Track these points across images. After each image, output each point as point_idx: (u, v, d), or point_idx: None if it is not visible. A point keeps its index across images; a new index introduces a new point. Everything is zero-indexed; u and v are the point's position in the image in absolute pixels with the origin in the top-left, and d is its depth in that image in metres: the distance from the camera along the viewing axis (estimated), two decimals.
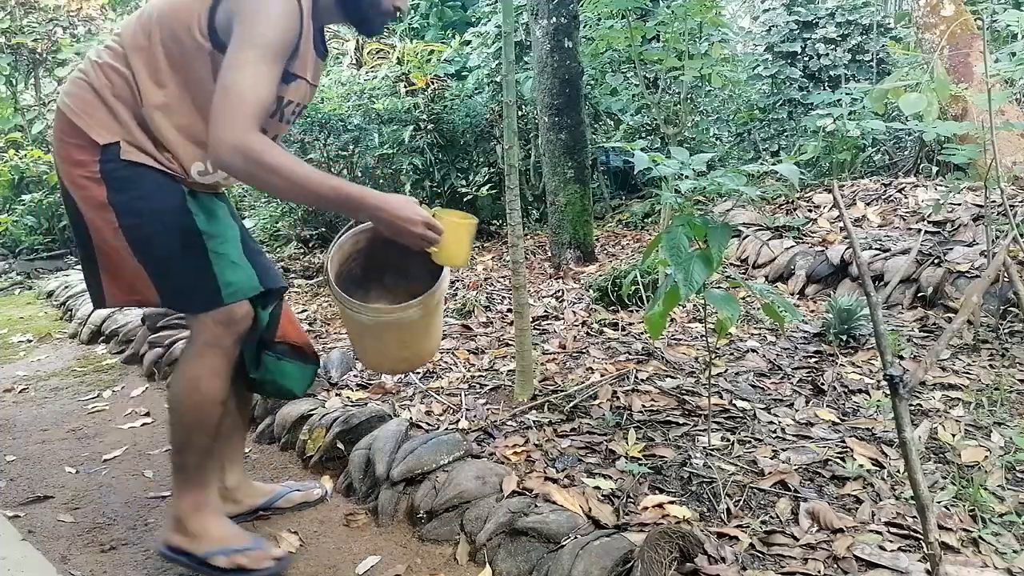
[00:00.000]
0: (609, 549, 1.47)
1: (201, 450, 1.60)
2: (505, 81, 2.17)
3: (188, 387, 1.56)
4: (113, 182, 1.46)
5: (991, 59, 3.37)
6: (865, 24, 6.10)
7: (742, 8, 12.37)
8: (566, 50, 4.23)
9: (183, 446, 1.59)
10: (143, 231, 1.48)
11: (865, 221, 4.03)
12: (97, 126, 1.46)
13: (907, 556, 1.45)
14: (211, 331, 1.54)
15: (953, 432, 2.00)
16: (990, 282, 2.21)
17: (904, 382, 1.15)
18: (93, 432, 2.60)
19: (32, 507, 2.03)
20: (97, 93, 1.47)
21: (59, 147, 1.51)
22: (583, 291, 3.67)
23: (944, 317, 2.99)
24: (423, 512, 1.77)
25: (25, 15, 7.85)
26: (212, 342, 1.54)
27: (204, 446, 1.60)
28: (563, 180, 4.34)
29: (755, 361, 2.63)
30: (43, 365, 3.53)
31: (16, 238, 6.63)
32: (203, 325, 1.54)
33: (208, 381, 1.55)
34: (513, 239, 2.23)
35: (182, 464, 1.61)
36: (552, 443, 2.01)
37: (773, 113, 6.35)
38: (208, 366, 1.55)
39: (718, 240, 1.72)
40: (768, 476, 1.79)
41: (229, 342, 1.56)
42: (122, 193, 1.47)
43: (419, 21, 8.24)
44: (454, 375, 2.60)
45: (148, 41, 1.46)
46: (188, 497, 1.61)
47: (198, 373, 1.55)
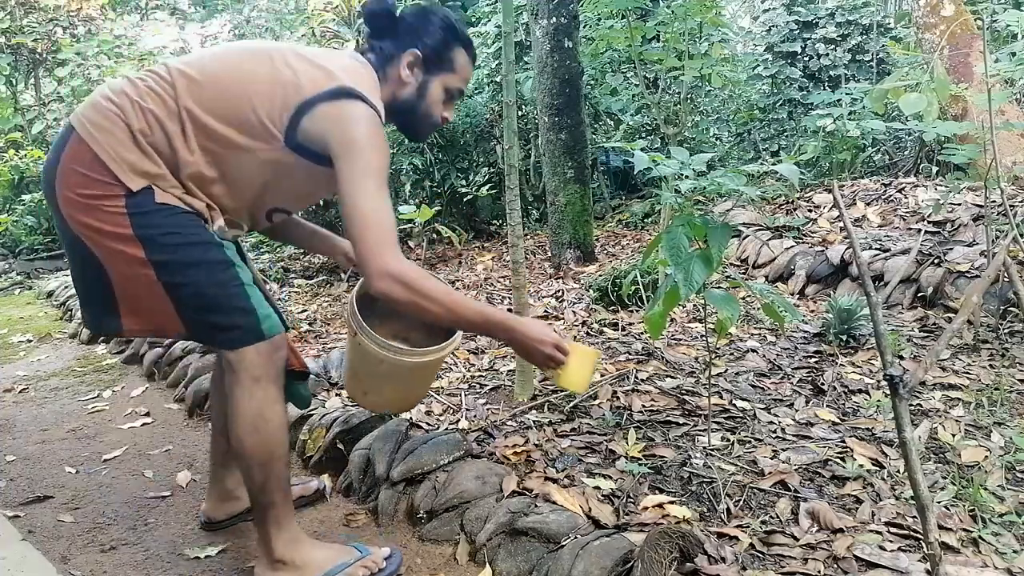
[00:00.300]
0: (609, 549, 1.47)
1: (284, 481, 1.55)
2: (505, 81, 2.17)
3: (251, 426, 1.49)
4: (139, 217, 1.41)
5: (991, 59, 3.37)
6: (865, 24, 6.10)
7: (742, 8, 12.37)
8: (566, 50, 4.23)
9: (264, 484, 1.52)
10: (176, 265, 1.44)
11: (865, 221, 4.03)
12: (130, 171, 1.41)
13: (907, 556, 1.45)
14: (256, 364, 1.48)
15: (953, 432, 2.00)
16: (990, 282, 2.21)
17: (904, 382, 1.15)
18: (93, 432, 2.60)
19: (32, 507, 2.03)
20: (133, 135, 1.42)
21: (71, 177, 1.42)
22: (583, 291, 3.67)
23: (944, 317, 2.99)
24: (423, 512, 1.77)
25: (25, 15, 7.86)
26: (259, 374, 1.49)
27: (285, 476, 1.56)
28: (563, 180, 4.34)
29: (755, 361, 2.63)
30: (43, 365, 3.53)
31: (16, 238, 6.64)
32: (246, 359, 1.48)
33: (269, 413, 1.50)
34: (513, 239, 2.23)
35: (269, 503, 1.53)
36: (552, 443, 2.01)
37: (773, 113, 6.35)
38: (262, 398, 1.49)
39: (718, 240, 1.72)
40: (768, 476, 1.79)
41: (275, 371, 1.52)
42: (150, 228, 1.42)
43: None
44: (454, 375, 2.60)
45: (199, 102, 1.44)
46: (284, 535, 1.54)
47: (256, 409, 1.49)
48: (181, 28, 12.66)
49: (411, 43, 1.61)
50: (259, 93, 1.44)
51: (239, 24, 11.24)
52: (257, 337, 1.48)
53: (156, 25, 12.19)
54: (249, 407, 1.49)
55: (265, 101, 1.44)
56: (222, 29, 12.14)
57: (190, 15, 12.49)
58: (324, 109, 1.43)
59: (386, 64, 1.61)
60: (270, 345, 1.50)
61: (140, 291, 1.46)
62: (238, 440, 1.51)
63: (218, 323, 1.48)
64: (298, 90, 1.44)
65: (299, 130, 1.45)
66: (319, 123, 1.43)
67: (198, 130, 1.45)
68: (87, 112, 1.45)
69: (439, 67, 1.64)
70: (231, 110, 1.45)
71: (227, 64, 1.50)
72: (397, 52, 1.61)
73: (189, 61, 1.52)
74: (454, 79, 1.67)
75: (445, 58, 1.64)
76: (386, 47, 1.62)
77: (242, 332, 1.47)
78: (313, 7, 8.27)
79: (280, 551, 1.54)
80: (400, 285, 1.41)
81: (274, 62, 1.47)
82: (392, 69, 1.61)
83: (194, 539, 1.84)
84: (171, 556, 1.76)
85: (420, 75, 1.63)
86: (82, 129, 1.43)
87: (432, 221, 4.47)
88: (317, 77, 1.45)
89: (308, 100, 1.43)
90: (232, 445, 1.55)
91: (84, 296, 1.56)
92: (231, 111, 1.45)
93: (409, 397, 1.95)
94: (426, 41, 1.61)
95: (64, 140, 1.45)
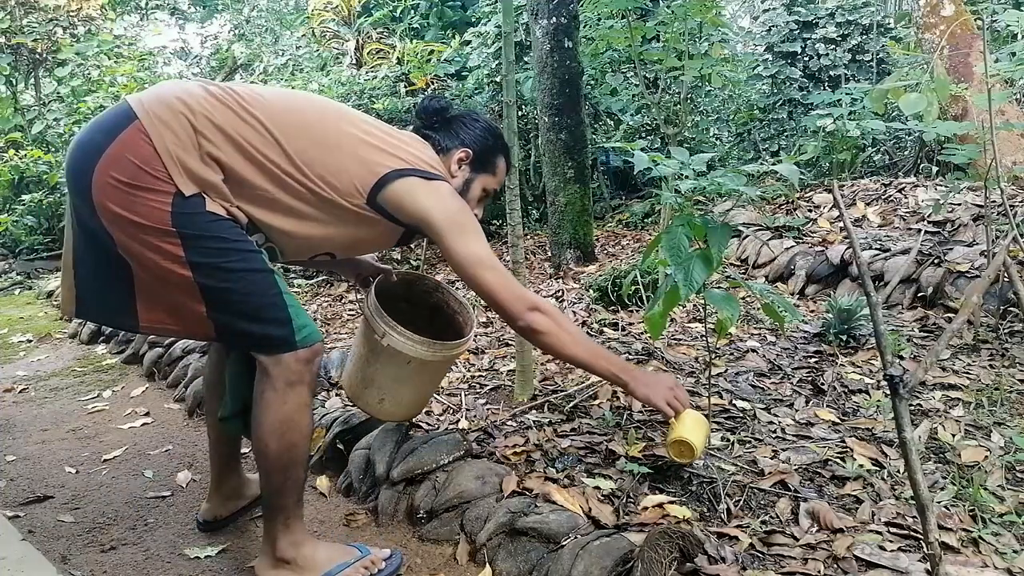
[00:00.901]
0: (609, 549, 1.46)
1: (300, 485, 1.56)
2: (505, 81, 2.17)
3: (280, 430, 1.49)
4: (183, 218, 1.40)
5: (991, 59, 3.37)
6: (865, 24, 6.10)
7: (742, 8, 12.37)
8: (566, 50, 4.23)
9: (281, 488, 1.53)
10: (216, 269, 1.43)
11: (865, 221, 4.03)
12: (186, 175, 1.40)
13: (907, 556, 1.45)
14: (294, 370, 1.48)
15: (953, 432, 2.00)
16: (990, 282, 2.21)
17: (904, 382, 1.15)
18: (93, 432, 2.60)
19: (32, 507, 2.03)
20: (198, 142, 1.42)
21: (121, 164, 1.38)
22: (583, 291, 3.67)
23: (944, 317, 2.99)
24: (423, 512, 1.77)
25: (25, 15, 7.85)
26: (295, 380, 1.49)
27: (302, 481, 1.56)
28: (563, 180, 4.34)
29: (755, 361, 2.62)
30: (43, 365, 3.53)
31: (16, 238, 6.64)
32: (283, 365, 1.48)
33: (299, 417, 1.50)
34: (513, 239, 2.23)
35: (281, 506, 1.54)
36: (552, 443, 2.01)
37: (773, 113, 6.35)
38: (295, 403, 1.49)
39: (718, 240, 1.72)
40: (768, 476, 1.79)
41: (311, 376, 1.52)
42: (193, 229, 1.41)
43: (419, 21, 8.24)
44: (454, 375, 2.60)
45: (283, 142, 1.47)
46: (289, 537, 1.55)
47: (287, 414, 1.49)
48: (181, 28, 12.67)
49: (461, 142, 1.74)
50: (348, 153, 1.52)
51: (239, 24, 11.25)
52: (289, 348, 1.48)
53: (156, 25, 12.19)
54: (280, 411, 1.49)
55: (354, 162, 1.52)
56: (222, 29, 12.15)
57: (190, 15, 12.50)
58: (415, 183, 1.55)
59: (438, 155, 1.71)
60: (310, 352, 1.50)
61: (169, 290, 1.45)
62: (263, 443, 1.51)
63: (252, 331, 1.47)
64: (382, 162, 1.54)
65: (379, 197, 1.54)
66: (412, 194, 1.55)
67: (272, 164, 1.46)
68: (155, 106, 1.42)
69: (483, 168, 1.77)
70: (320, 160, 1.50)
71: (315, 111, 1.56)
72: (449, 146, 1.73)
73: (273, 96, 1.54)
74: (492, 182, 1.80)
75: (489, 162, 1.78)
76: (438, 140, 1.73)
77: (274, 342, 1.47)
78: (313, 7, 8.27)
79: (284, 551, 1.55)
80: (544, 316, 1.57)
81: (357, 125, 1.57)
82: (444, 161, 1.71)
83: (194, 539, 1.84)
84: (171, 556, 1.76)
85: (467, 172, 1.75)
86: (148, 121, 1.39)
87: None
88: (399, 154, 1.57)
89: (396, 171, 1.54)
90: (254, 446, 1.54)
91: (94, 289, 1.52)
92: (319, 161, 1.50)
93: (424, 399, 1.96)
94: (476, 143, 1.75)
95: (120, 125, 1.40)
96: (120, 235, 1.41)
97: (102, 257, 1.47)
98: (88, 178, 1.39)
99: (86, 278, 1.53)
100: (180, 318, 1.49)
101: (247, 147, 1.45)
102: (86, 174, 1.40)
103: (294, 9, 11.35)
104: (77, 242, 1.51)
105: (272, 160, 1.46)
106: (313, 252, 1.66)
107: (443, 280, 2.21)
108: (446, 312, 2.02)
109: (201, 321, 1.47)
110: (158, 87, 1.49)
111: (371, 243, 1.70)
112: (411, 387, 1.84)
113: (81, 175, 1.41)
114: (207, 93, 1.46)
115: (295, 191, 1.50)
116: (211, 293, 1.44)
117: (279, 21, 10.66)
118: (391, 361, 1.74)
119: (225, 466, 1.85)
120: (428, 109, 1.77)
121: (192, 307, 1.46)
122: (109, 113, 1.46)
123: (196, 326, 1.49)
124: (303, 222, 1.54)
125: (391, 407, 1.87)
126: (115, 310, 1.52)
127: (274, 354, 1.47)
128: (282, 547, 1.55)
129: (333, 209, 1.54)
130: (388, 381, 1.79)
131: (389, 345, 1.71)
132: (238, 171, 1.45)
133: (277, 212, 1.51)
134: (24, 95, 8.27)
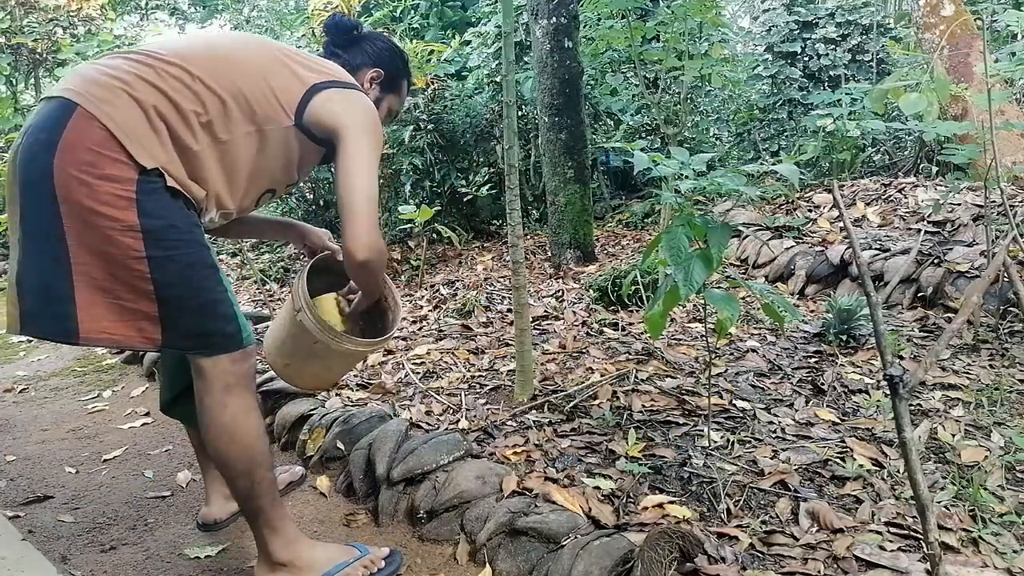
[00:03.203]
0: (609, 549, 1.47)
1: (269, 485, 1.53)
2: (505, 81, 2.17)
3: (228, 436, 1.46)
4: (146, 206, 1.34)
5: (991, 59, 3.37)
6: (865, 24, 6.10)
7: (742, 8, 12.37)
8: (566, 50, 4.23)
9: (250, 491, 1.49)
10: (171, 263, 1.37)
11: (865, 221, 4.03)
12: (142, 149, 1.34)
13: (907, 556, 1.45)
14: (230, 372, 1.46)
15: (953, 432, 2.00)
16: (990, 282, 2.21)
17: (904, 382, 1.15)
18: (93, 432, 2.60)
19: (32, 507, 2.03)
20: (145, 113, 1.36)
21: (79, 155, 1.31)
22: (583, 291, 3.67)
23: (944, 317, 2.99)
24: (423, 512, 1.77)
25: (25, 15, 7.85)
26: (232, 382, 1.46)
27: (270, 480, 1.53)
28: (563, 180, 4.34)
29: (755, 361, 2.63)
30: (43, 365, 3.53)
31: None
32: (219, 368, 1.45)
33: (243, 421, 1.47)
34: (513, 239, 2.23)
35: (257, 508, 1.51)
36: (552, 443, 2.01)
37: (773, 113, 6.35)
38: (236, 407, 1.46)
39: (718, 240, 1.72)
40: (768, 476, 1.79)
41: (248, 379, 1.50)
42: (154, 219, 1.35)
43: (419, 21, 8.24)
44: (454, 375, 2.60)
45: (213, 86, 1.43)
46: (279, 538, 1.53)
47: (230, 419, 1.45)
48: (181, 28, 12.66)
49: (371, 61, 1.76)
50: (273, 74, 1.49)
51: (239, 24, 11.25)
52: (236, 345, 1.46)
53: (156, 25, 12.19)
54: (222, 417, 1.46)
55: (280, 82, 1.49)
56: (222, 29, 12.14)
57: (190, 15, 12.50)
58: (331, 93, 1.52)
59: (350, 72, 1.68)
60: (243, 354, 1.48)
61: (121, 288, 1.37)
62: (215, 450, 1.48)
63: (202, 329, 1.43)
64: (305, 77, 1.52)
65: (306, 112, 1.51)
66: (327, 105, 1.51)
67: (212, 108, 1.42)
68: (90, 88, 1.35)
69: (392, 89, 1.81)
70: (247, 89, 1.46)
71: (235, 46, 1.53)
72: (360, 64, 1.75)
73: (189, 44, 1.50)
74: (397, 102, 1.85)
75: (397, 82, 1.82)
76: (348, 59, 1.74)
77: (223, 339, 1.45)
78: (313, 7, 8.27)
79: (278, 554, 1.53)
80: (378, 254, 1.52)
81: (278, 50, 1.55)
82: (355, 79, 1.69)
83: (194, 539, 1.84)
84: (171, 556, 1.76)
85: (377, 91, 1.78)
86: (90, 105, 1.33)
87: (432, 221, 4.47)
88: (321, 70, 1.55)
89: (317, 84, 1.51)
90: (210, 455, 1.52)
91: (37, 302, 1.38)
92: (247, 90, 1.46)
93: (328, 378, 2.01)
94: (386, 63, 1.78)
95: (62, 117, 1.33)
96: (83, 230, 1.33)
97: (46, 265, 1.37)
98: (46, 178, 1.32)
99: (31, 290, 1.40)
100: (126, 323, 1.40)
101: (179, 101, 1.40)
102: (43, 175, 1.32)
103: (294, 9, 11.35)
104: (22, 255, 1.40)
105: (204, 104, 1.42)
106: (256, 194, 1.60)
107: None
108: (381, 304, 2.01)
109: (148, 322, 1.40)
110: (77, 73, 1.42)
111: (302, 165, 1.64)
112: (315, 364, 1.85)
113: (36, 178, 1.33)
114: (127, 61, 1.42)
115: (225, 133, 1.45)
116: (165, 289, 1.38)
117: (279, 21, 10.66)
118: (301, 335, 1.75)
119: (214, 468, 1.84)
120: (340, 25, 1.78)
121: (141, 307, 1.39)
122: (40, 113, 1.38)
123: (140, 331, 1.41)
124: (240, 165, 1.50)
125: (294, 375, 1.90)
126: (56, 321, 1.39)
127: (215, 354, 1.44)
128: (275, 550, 1.53)
129: (263, 140, 1.50)
130: (296, 351, 1.81)
131: (301, 321, 1.73)
132: (178, 131, 1.40)
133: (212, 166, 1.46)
134: (24, 95, 8.27)
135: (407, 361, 2.75)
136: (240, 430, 1.46)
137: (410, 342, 3.03)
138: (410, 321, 3.39)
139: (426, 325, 3.30)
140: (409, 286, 4.27)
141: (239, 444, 1.47)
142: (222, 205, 1.52)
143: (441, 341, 3.01)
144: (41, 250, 1.36)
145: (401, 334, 3.16)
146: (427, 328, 3.23)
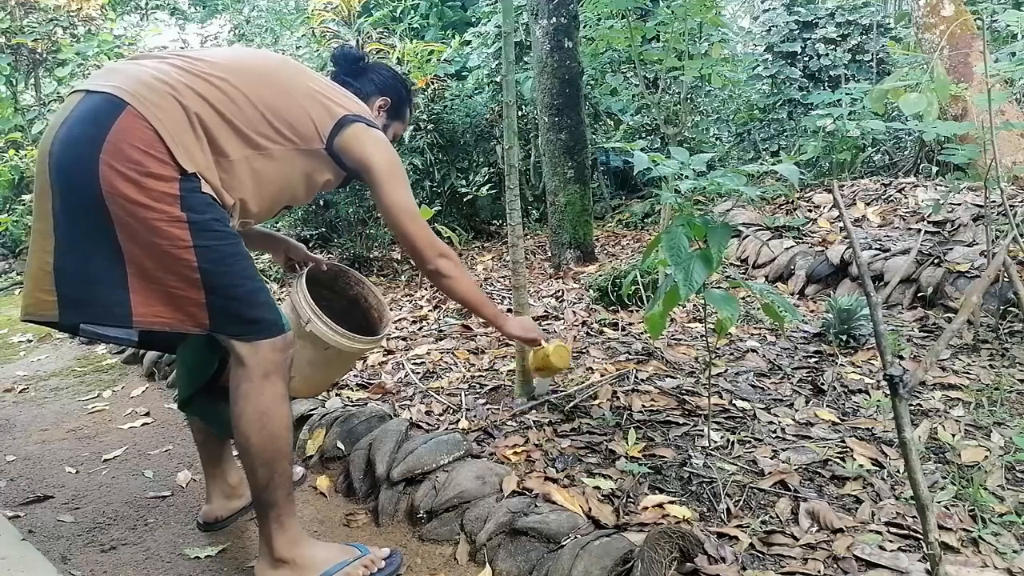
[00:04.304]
0: (609, 549, 1.47)
1: (287, 479, 1.55)
2: (505, 81, 2.17)
3: (260, 422, 1.49)
4: (189, 200, 1.41)
5: (991, 59, 3.37)
6: (865, 24, 6.10)
7: (742, 8, 12.37)
8: (566, 50, 4.23)
9: (269, 482, 1.52)
10: (218, 253, 1.44)
11: (865, 221, 4.03)
12: (185, 153, 1.41)
13: (907, 556, 1.45)
14: (270, 359, 1.50)
15: (953, 432, 2.00)
16: (990, 282, 2.21)
17: (904, 382, 1.15)
18: (93, 432, 2.60)
19: (32, 507, 2.03)
20: (189, 120, 1.43)
21: (126, 152, 1.37)
22: (583, 291, 3.67)
23: (944, 317, 2.99)
24: (423, 512, 1.77)
25: (25, 15, 7.85)
26: (271, 370, 1.50)
27: (289, 474, 1.56)
28: (563, 180, 4.34)
29: (755, 361, 2.63)
30: (43, 365, 3.53)
31: (16, 238, 6.64)
32: (260, 354, 1.49)
33: (277, 408, 1.51)
34: (513, 239, 2.23)
35: (272, 501, 1.53)
36: (552, 443, 2.01)
37: (773, 113, 6.35)
38: (272, 394, 1.50)
39: (718, 240, 1.72)
40: (768, 476, 1.79)
41: (284, 368, 1.54)
42: (198, 213, 1.42)
43: (419, 21, 8.24)
44: (454, 375, 2.60)
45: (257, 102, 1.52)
46: (285, 535, 1.54)
47: (265, 405, 1.49)
48: (181, 28, 12.66)
49: (378, 90, 1.87)
50: (308, 99, 1.59)
51: (239, 24, 11.24)
52: (279, 330, 1.52)
53: (156, 25, 12.19)
54: (258, 403, 1.49)
55: (314, 108, 1.59)
56: (222, 29, 12.14)
57: (190, 15, 12.50)
58: (358, 130, 1.63)
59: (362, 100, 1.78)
60: (284, 341, 1.53)
61: (169, 278, 1.43)
62: (244, 437, 1.50)
63: (245, 315, 1.49)
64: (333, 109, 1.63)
65: (335, 140, 1.61)
66: (357, 139, 1.63)
67: (253, 123, 1.51)
68: (141, 90, 1.41)
69: (397, 116, 1.92)
70: (286, 109, 1.55)
71: (276, 67, 1.62)
72: (369, 93, 1.84)
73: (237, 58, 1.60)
74: (401, 128, 1.96)
75: (402, 110, 1.93)
76: (359, 87, 1.83)
77: (265, 325, 1.51)
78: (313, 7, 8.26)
79: (281, 550, 1.54)
80: (445, 253, 1.72)
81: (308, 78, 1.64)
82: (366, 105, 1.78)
83: (194, 539, 1.84)
84: (171, 556, 1.76)
85: (384, 119, 1.88)
86: (141, 106, 1.39)
87: (432, 221, 4.47)
88: (346, 104, 1.66)
89: (347, 117, 1.62)
90: (236, 442, 1.54)
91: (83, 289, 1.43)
92: (286, 110, 1.55)
93: (330, 381, 2.15)
94: (392, 91, 1.89)
95: (111, 113, 1.39)
96: (129, 222, 1.38)
97: (95, 253, 1.42)
98: (90, 171, 1.36)
99: (75, 278, 1.44)
100: (176, 308, 1.46)
101: (223, 110, 1.48)
102: (87, 168, 1.36)
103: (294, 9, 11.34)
104: (62, 243, 1.44)
105: (245, 116, 1.51)
106: (277, 208, 1.72)
107: None
108: (362, 306, 2.14)
109: (197, 308, 1.47)
110: (121, 72, 1.47)
111: (323, 187, 1.73)
112: (322, 370, 1.95)
113: (80, 170, 1.37)
114: (175, 68, 1.49)
115: (263, 147, 1.54)
116: (212, 278, 1.45)
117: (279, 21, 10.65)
118: (310, 345, 1.82)
119: (216, 466, 1.85)
120: (348, 56, 1.90)
121: (189, 294, 1.45)
122: (81, 106, 1.42)
123: (190, 316, 1.47)
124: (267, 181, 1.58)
125: (299, 384, 1.92)
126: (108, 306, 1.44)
127: (258, 340, 1.49)
128: (279, 547, 1.54)
129: (296, 158, 1.59)
130: (302, 362, 1.83)
131: (311, 331, 1.79)
132: (220, 140, 1.48)
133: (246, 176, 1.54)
134: (24, 95, 8.27)
135: (407, 361, 2.75)
136: (273, 418, 1.51)
137: (410, 342, 3.03)
138: (410, 321, 3.39)
139: (426, 325, 3.30)
140: (409, 286, 4.27)
141: (268, 432, 1.51)
142: (246, 214, 1.59)
143: (441, 341, 3.01)
144: (87, 240, 1.41)
145: (401, 334, 3.16)
146: (427, 328, 3.23)
